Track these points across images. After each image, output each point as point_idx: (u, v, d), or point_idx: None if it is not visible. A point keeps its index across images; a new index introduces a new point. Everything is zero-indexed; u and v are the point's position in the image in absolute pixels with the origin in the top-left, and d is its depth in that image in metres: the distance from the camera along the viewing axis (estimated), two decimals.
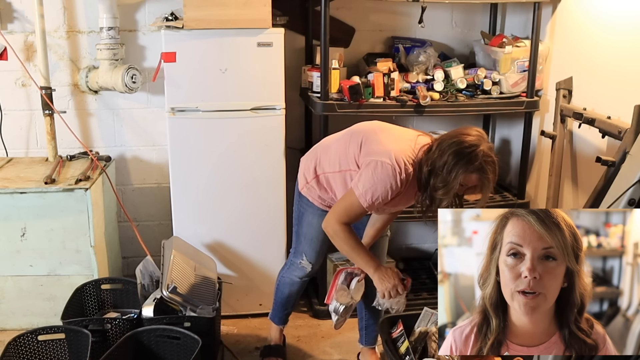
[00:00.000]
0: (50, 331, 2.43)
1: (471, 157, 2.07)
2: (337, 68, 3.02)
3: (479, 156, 2.06)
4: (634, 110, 2.27)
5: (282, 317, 2.85)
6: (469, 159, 2.07)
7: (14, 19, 3.23)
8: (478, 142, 2.08)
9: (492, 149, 2.12)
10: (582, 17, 2.89)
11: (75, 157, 3.29)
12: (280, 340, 2.88)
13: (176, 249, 2.78)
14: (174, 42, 2.89)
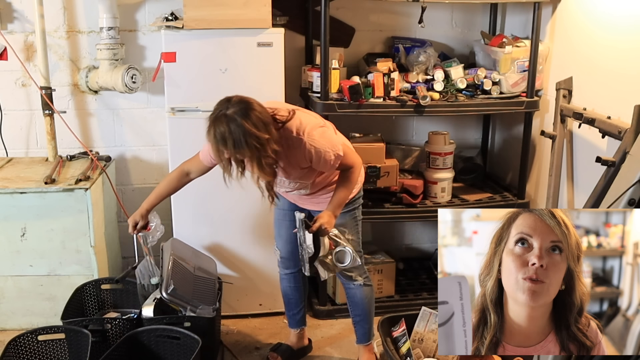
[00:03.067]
0: (50, 331, 2.44)
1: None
2: (337, 68, 3.02)
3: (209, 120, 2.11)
4: (634, 110, 2.27)
5: (289, 318, 2.88)
6: None
7: (14, 19, 3.23)
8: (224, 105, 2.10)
9: (236, 113, 2.08)
10: (582, 17, 2.89)
11: (75, 157, 3.29)
12: (295, 343, 2.90)
13: (174, 251, 2.78)
14: (174, 42, 2.89)
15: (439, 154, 3.26)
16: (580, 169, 2.91)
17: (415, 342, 2.59)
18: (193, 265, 2.81)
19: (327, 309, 3.25)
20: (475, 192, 3.44)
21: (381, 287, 3.32)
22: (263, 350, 2.96)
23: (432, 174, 3.29)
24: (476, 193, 3.43)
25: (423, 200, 3.28)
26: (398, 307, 3.24)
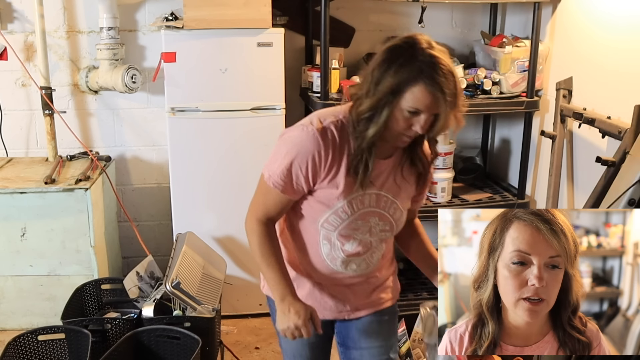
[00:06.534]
0: (50, 331, 2.44)
1: (407, 56, 1.46)
2: (337, 68, 3.02)
3: (417, 54, 1.46)
4: (634, 110, 2.27)
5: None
6: (405, 59, 1.46)
7: (14, 19, 3.23)
8: (417, 38, 1.51)
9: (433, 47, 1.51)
10: (582, 17, 2.88)
11: (75, 157, 3.29)
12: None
13: (188, 245, 2.78)
14: (174, 42, 2.89)
15: (439, 153, 3.25)
16: (580, 169, 2.91)
17: (415, 342, 2.59)
18: (202, 263, 2.80)
19: None
20: (475, 192, 3.44)
21: None
22: (263, 350, 2.96)
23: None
24: (476, 193, 3.43)
25: None
26: (398, 307, 3.23)
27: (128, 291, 2.70)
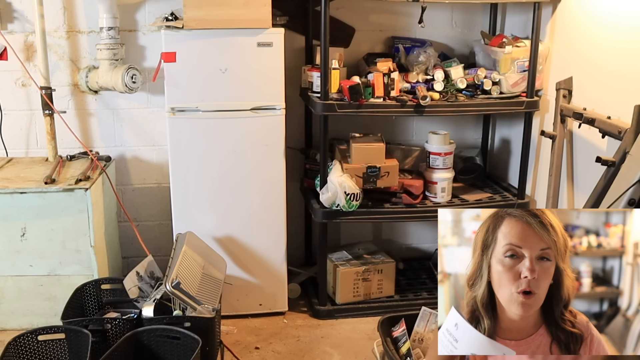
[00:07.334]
0: (50, 331, 2.43)
1: None
2: (337, 68, 3.02)
3: None
4: (634, 110, 2.27)
5: None
6: None
7: (14, 19, 3.23)
8: None
9: None
10: (582, 17, 2.89)
11: (75, 157, 3.29)
12: None
13: (188, 245, 2.78)
14: (174, 42, 2.89)
15: (439, 154, 3.26)
16: (580, 169, 2.91)
17: (415, 342, 2.59)
18: (202, 263, 2.80)
19: (327, 309, 3.25)
20: (475, 192, 3.44)
21: (381, 287, 3.32)
22: (263, 350, 2.96)
23: (432, 174, 3.29)
24: (476, 193, 3.43)
25: (423, 200, 3.28)
26: (398, 307, 3.24)
27: (128, 291, 2.70)
